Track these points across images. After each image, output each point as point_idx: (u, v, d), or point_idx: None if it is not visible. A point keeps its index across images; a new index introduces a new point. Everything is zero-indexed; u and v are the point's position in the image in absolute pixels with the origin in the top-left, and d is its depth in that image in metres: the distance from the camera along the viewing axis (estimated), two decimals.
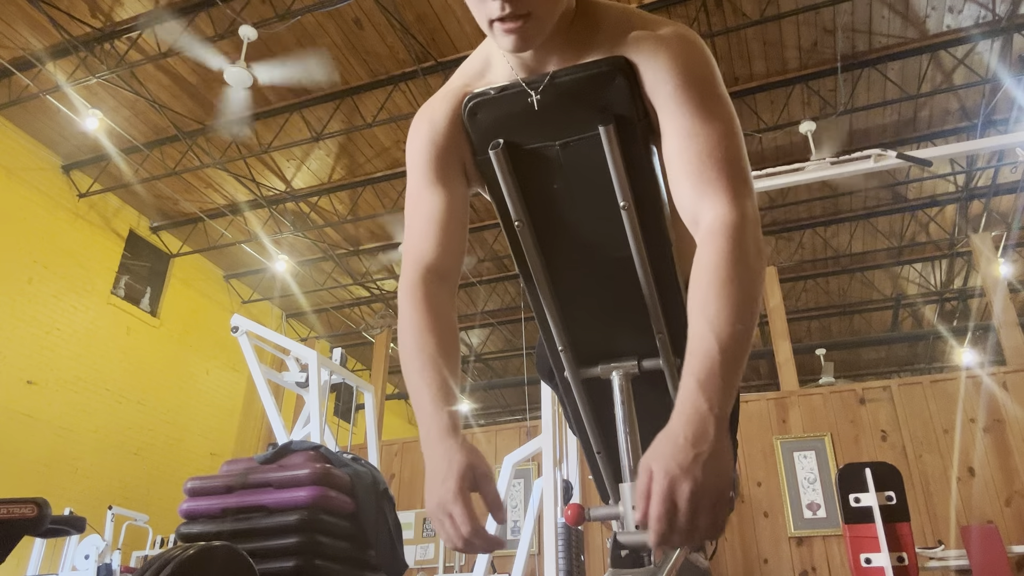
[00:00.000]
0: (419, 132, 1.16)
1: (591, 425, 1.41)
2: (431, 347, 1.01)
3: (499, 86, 1.06)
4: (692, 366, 0.82)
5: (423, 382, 0.98)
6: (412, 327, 1.04)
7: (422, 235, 1.11)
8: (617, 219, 1.11)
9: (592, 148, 1.06)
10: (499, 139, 1.09)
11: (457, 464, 0.89)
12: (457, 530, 0.87)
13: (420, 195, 1.14)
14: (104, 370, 8.31)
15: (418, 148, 1.15)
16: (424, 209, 1.12)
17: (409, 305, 1.06)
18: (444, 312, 1.06)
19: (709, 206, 0.94)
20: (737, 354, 0.83)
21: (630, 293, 1.19)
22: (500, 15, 0.95)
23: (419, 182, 1.14)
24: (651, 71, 1.02)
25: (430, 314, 1.04)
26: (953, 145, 6.64)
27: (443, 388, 0.97)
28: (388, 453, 8.12)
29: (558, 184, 1.13)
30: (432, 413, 0.95)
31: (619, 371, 1.27)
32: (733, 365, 0.82)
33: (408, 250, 1.12)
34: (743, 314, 0.85)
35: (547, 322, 1.26)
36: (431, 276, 1.08)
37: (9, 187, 7.54)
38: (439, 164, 1.13)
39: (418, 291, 1.07)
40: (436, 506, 0.89)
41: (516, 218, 1.15)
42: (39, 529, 2.10)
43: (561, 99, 1.04)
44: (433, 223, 1.11)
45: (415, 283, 1.08)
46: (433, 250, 1.09)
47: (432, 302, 1.06)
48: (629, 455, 1.20)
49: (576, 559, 3.92)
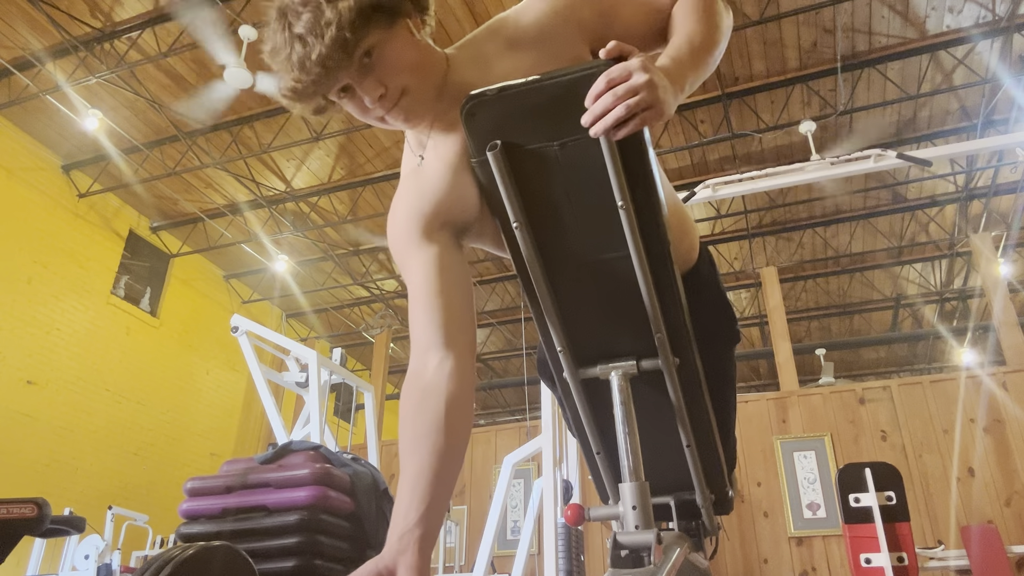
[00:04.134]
0: (395, 222, 1.19)
1: (590, 426, 1.41)
2: (407, 439, 0.99)
3: (498, 86, 1.06)
4: (667, 50, 1.09)
5: (400, 474, 0.98)
6: (400, 418, 1.04)
7: (415, 321, 1.10)
8: (615, 219, 1.11)
9: (590, 148, 1.06)
10: (497, 140, 1.09)
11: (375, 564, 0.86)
12: None
13: (411, 277, 1.13)
14: (104, 370, 8.31)
15: (397, 235, 1.18)
16: (414, 291, 1.11)
17: (402, 395, 1.08)
18: (432, 399, 1.02)
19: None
20: (701, 55, 1.09)
21: (628, 293, 1.19)
22: (383, 113, 1.08)
23: (406, 266, 1.15)
24: (577, 29, 1.16)
25: (411, 404, 1.02)
26: (953, 145, 6.64)
27: (408, 483, 0.94)
28: (388, 453, 8.13)
29: (556, 185, 1.13)
30: (394, 511, 0.94)
31: (618, 371, 1.27)
32: (698, 58, 1.09)
33: (412, 341, 1.11)
34: (710, 35, 1.13)
35: (546, 323, 1.27)
36: (423, 364, 1.06)
37: (9, 187, 7.54)
38: (421, 234, 1.14)
39: (408, 382, 1.06)
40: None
41: (514, 220, 1.15)
42: (39, 529, 2.11)
43: (559, 99, 1.04)
44: (422, 304, 1.09)
45: (410, 373, 1.07)
46: (426, 335, 1.08)
47: (416, 392, 1.03)
48: (628, 455, 1.20)
49: (576, 559, 3.92)
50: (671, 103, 0.96)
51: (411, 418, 1.01)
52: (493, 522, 4.92)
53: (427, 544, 0.89)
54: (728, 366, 1.50)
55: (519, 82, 1.05)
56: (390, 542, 0.88)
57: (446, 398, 1.01)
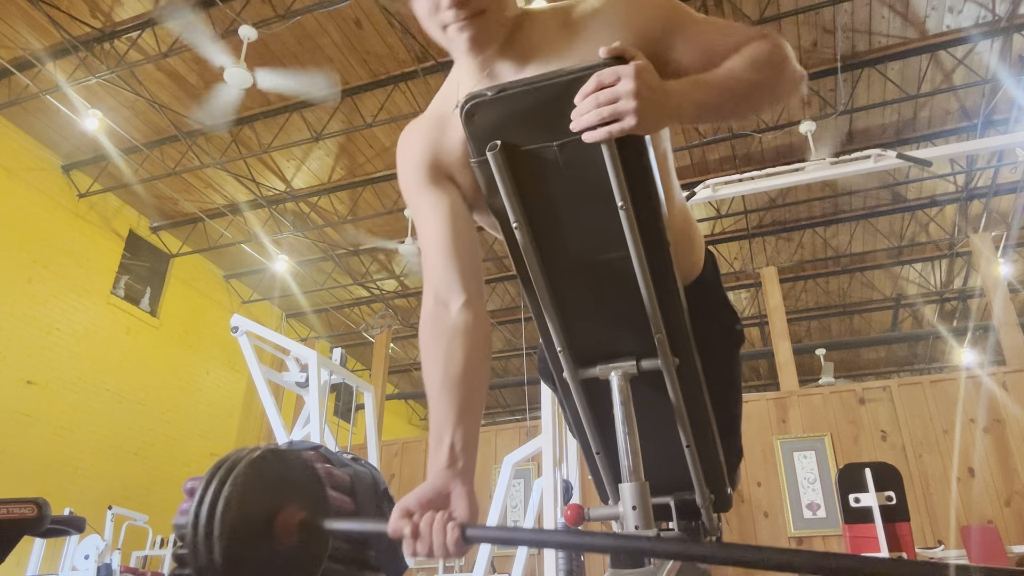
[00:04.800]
0: (404, 157, 1.20)
1: (590, 426, 1.41)
2: (437, 379, 1.05)
3: (498, 85, 1.06)
4: (697, 76, 1.01)
5: (430, 413, 1.04)
6: (423, 359, 1.10)
7: (430, 264, 1.13)
8: (615, 219, 1.11)
9: (590, 148, 1.06)
10: (497, 141, 1.09)
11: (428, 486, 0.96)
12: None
13: (421, 219, 1.17)
14: (104, 370, 8.31)
15: (406, 171, 1.19)
16: (427, 231, 1.15)
17: (421, 337, 1.11)
18: (453, 340, 1.08)
19: (744, 47, 1.08)
20: (731, 83, 1.01)
21: (628, 293, 1.19)
22: (455, 19, 1.01)
23: (416, 206, 1.18)
24: (619, 25, 1.08)
25: (435, 347, 1.08)
26: (953, 145, 6.64)
27: (440, 422, 1.02)
28: (388, 453, 8.12)
29: (556, 185, 1.13)
30: (431, 451, 1.02)
31: (618, 371, 1.27)
32: (725, 86, 1.00)
33: (425, 280, 1.15)
34: (756, 71, 1.03)
35: (546, 323, 1.27)
36: (442, 306, 1.11)
37: (9, 187, 7.54)
38: (430, 180, 1.16)
39: (426, 324, 1.11)
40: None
41: (514, 220, 1.15)
42: (39, 529, 2.10)
43: (559, 99, 1.04)
44: (438, 245, 1.13)
45: (426, 316, 1.12)
46: (441, 277, 1.12)
47: (438, 333, 1.09)
48: (628, 455, 1.21)
49: (576, 559, 3.92)
50: (653, 118, 0.92)
51: (443, 359, 1.06)
52: (493, 522, 4.92)
53: (471, 475, 0.99)
54: (733, 367, 1.50)
55: (518, 82, 1.05)
56: (436, 473, 0.97)
57: (475, 341, 1.08)
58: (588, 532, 0.88)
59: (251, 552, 0.92)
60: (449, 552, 0.90)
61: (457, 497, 0.95)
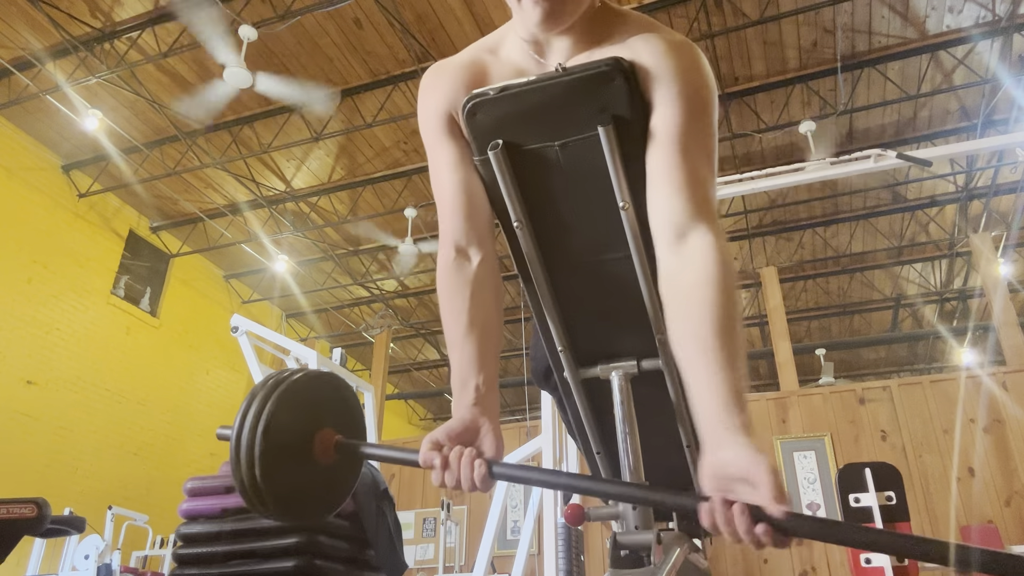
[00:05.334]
0: (425, 100, 1.17)
1: (590, 426, 1.41)
2: (461, 328, 1.07)
3: (499, 86, 1.06)
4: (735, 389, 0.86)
5: (452, 359, 1.08)
6: (444, 308, 1.12)
7: (448, 214, 1.14)
8: (616, 220, 1.11)
9: (591, 149, 1.06)
10: (498, 139, 1.09)
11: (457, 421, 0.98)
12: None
13: (437, 166, 1.16)
14: (104, 370, 8.31)
15: (426, 115, 1.17)
16: (443, 180, 1.14)
17: (441, 286, 1.13)
18: (474, 290, 1.10)
19: (704, 230, 0.98)
20: (740, 357, 0.89)
21: (629, 294, 1.19)
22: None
23: (432, 150, 1.17)
24: (660, 72, 1.03)
25: (458, 297, 1.10)
26: (953, 145, 6.64)
27: (465, 367, 1.05)
28: None
29: (557, 185, 1.13)
30: (456, 393, 1.05)
31: (618, 371, 1.27)
32: (741, 370, 0.88)
33: (441, 227, 1.16)
34: (736, 310, 0.93)
35: (546, 323, 1.27)
36: (462, 256, 1.12)
37: (9, 187, 7.54)
38: (448, 130, 1.14)
39: (446, 274, 1.12)
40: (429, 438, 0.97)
41: (515, 219, 1.15)
42: (39, 529, 2.10)
43: (561, 99, 1.04)
44: (455, 199, 1.13)
45: (445, 266, 1.13)
46: (460, 228, 1.12)
47: (460, 283, 1.11)
48: (628, 455, 1.20)
49: (576, 559, 3.92)
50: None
51: (467, 309, 1.09)
52: (493, 522, 4.92)
53: (497, 415, 1.03)
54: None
55: (520, 82, 1.05)
56: (465, 407, 1.00)
57: (494, 292, 1.12)
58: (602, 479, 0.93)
59: (290, 470, 0.96)
60: (476, 486, 0.92)
61: (485, 433, 0.98)
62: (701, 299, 0.91)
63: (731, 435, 0.81)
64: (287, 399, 0.96)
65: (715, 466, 0.81)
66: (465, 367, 1.04)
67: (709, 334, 0.89)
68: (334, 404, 1.05)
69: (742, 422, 0.82)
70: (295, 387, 0.98)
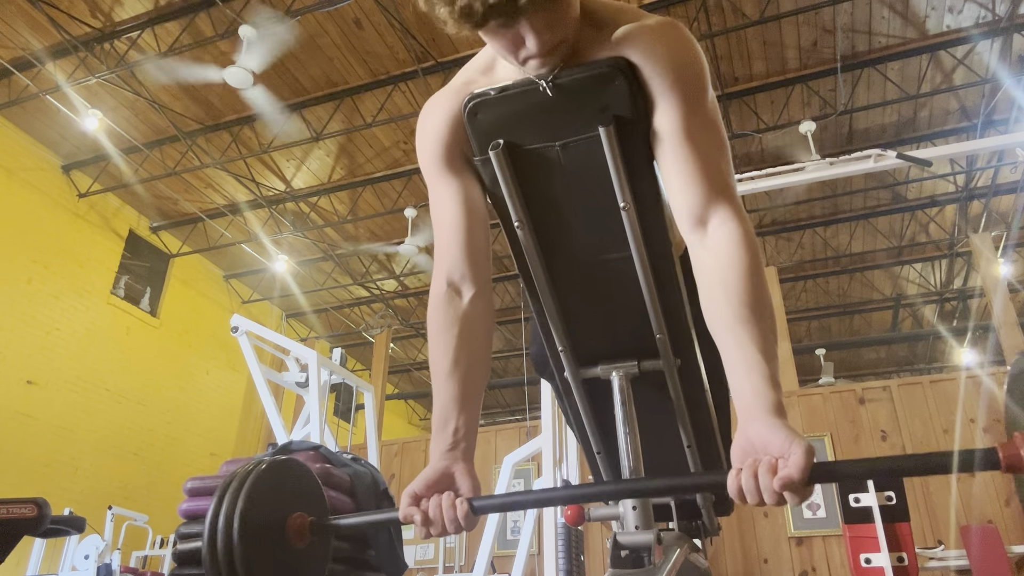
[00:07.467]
0: (423, 132, 1.17)
1: (591, 425, 1.41)
2: (447, 365, 1.08)
3: (499, 86, 1.06)
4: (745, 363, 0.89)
5: (435, 397, 1.08)
6: (431, 343, 1.12)
7: (444, 247, 1.13)
8: (617, 220, 1.11)
9: (592, 149, 1.06)
10: (499, 140, 1.09)
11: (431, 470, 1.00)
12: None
13: (436, 199, 1.15)
14: (104, 370, 8.30)
15: (424, 148, 1.16)
16: (442, 214, 1.14)
17: (430, 320, 1.12)
18: (462, 327, 1.10)
19: (722, 215, 0.99)
20: (773, 337, 0.92)
21: (630, 294, 1.19)
22: (538, 57, 0.96)
23: (432, 184, 1.16)
24: (648, 65, 1.03)
25: (445, 333, 1.10)
26: (953, 145, 6.64)
27: (447, 407, 1.05)
28: (388, 453, 8.12)
29: (558, 185, 1.13)
30: (434, 433, 1.06)
31: (619, 371, 1.27)
32: (773, 349, 0.91)
33: (436, 259, 1.15)
34: (769, 313, 0.94)
35: (547, 322, 1.26)
36: (453, 291, 1.12)
37: (9, 187, 7.54)
38: (447, 162, 1.14)
39: (436, 309, 1.12)
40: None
41: (516, 219, 1.15)
42: (39, 529, 2.10)
43: (561, 100, 1.04)
44: (452, 233, 1.13)
45: (436, 299, 1.12)
46: (454, 262, 1.12)
47: (448, 320, 1.10)
48: (629, 455, 1.20)
49: (576, 559, 3.92)
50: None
51: (453, 346, 1.09)
52: (493, 522, 4.92)
53: (472, 455, 1.04)
54: None
55: (520, 82, 1.05)
56: (439, 456, 1.01)
57: (483, 331, 1.12)
58: (583, 484, 0.93)
59: (268, 562, 0.96)
60: (461, 527, 0.94)
61: (460, 475, 1.00)
62: (724, 284, 0.94)
63: (763, 416, 0.84)
64: (255, 494, 0.95)
65: (747, 441, 0.84)
66: (447, 407, 1.05)
67: (733, 319, 0.91)
68: (296, 486, 1.05)
69: (771, 403, 0.84)
70: (260, 481, 0.97)
